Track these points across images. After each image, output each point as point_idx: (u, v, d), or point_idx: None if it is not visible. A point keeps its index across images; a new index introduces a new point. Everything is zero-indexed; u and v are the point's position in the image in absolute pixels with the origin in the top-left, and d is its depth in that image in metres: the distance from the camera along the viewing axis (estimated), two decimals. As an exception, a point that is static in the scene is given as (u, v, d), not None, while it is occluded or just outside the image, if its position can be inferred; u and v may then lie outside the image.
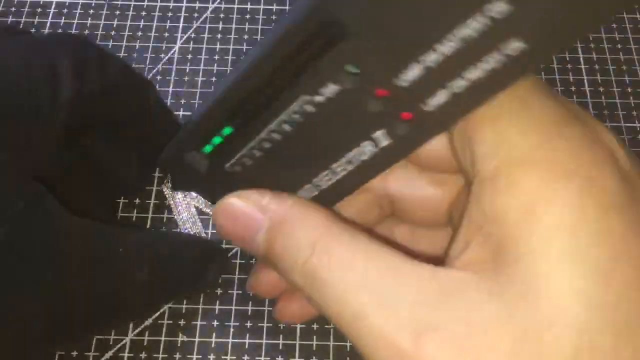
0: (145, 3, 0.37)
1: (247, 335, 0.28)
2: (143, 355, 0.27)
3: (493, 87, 0.15)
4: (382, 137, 0.17)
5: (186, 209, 0.30)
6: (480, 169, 0.16)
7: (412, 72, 0.15)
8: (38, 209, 0.19)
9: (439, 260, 0.17)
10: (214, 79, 0.34)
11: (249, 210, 0.20)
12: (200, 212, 0.31)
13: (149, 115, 0.26)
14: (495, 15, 0.13)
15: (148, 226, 0.30)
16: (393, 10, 0.14)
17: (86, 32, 0.36)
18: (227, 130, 0.20)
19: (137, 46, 0.36)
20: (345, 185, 0.19)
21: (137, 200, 0.31)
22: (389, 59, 0.15)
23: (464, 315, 0.15)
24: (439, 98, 0.15)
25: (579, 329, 0.14)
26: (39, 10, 0.36)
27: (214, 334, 0.28)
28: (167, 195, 0.31)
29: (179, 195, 0.31)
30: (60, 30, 0.36)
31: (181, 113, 0.33)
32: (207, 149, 0.21)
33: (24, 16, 0.36)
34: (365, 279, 0.17)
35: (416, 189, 0.22)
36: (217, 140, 0.20)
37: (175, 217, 0.30)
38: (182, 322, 0.28)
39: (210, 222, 0.30)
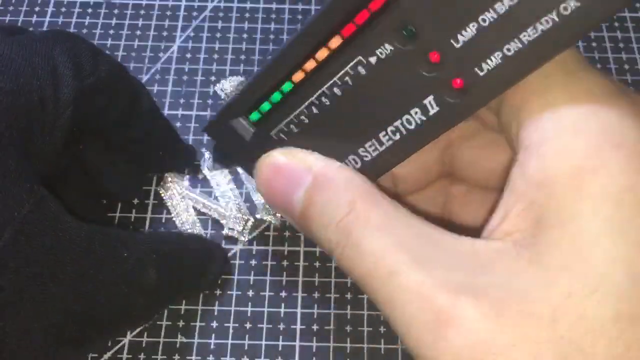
0: (144, 2, 0.37)
1: (247, 336, 0.28)
2: (142, 356, 0.27)
3: (545, 51, 0.15)
4: (431, 104, 0.17)
5: (185, 210, 0.30)
6: (528, 137, 0.16)
7: (469, 33, 0.15)
8: (43, 212, 0.19)
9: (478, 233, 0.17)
10: (213, 78, 0.34)
11: (294, 165, 0.19)
12: (199, 212, 0.30)
13: (141, 119, 0.26)
14: None
15: (147, 226, 0.30)
16: None
17: (84, 31, 0.36)
18: (276, 97, 0.20)
19: (135, 45, 0.35)
20: (388, 157, 0.19)
21: (136, 201, 0.31)
22: (446, 19, 0.15)
23: (503, 281, 0.15)
24: (493, 61, 0.16)
25: (620, 296, 0.14)
26: (37, 9, 0.36)
27: (213, 336, 0.28)
28: (164, 197, 0.31)
29: (177, 197, 0.30)
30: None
31: (180, 112, 0.33)
32: (254, 116, 0.21)
33: (21, 15, 0.36)
34: (403, 240, 0.17)
35: (475, 147, 0.22)
36: (265, 107, 0.20)
37: (174, 218, 0.30)
38: (180, 323, 0.28)
39: (210, 223, 0.30)
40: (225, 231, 0.30)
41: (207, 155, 0.31)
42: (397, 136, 0.19)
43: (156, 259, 0.23)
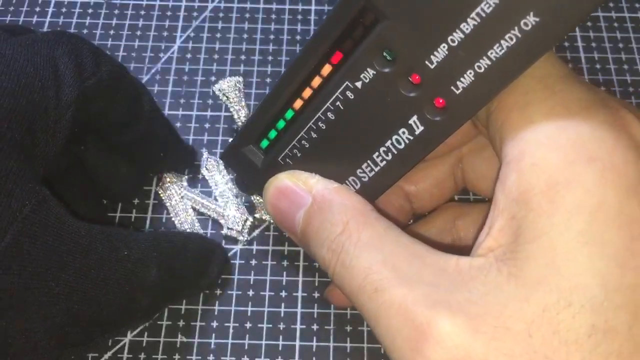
0: (144, 2, 0.37)
1: (247, 336, 0.28)
2: (142, 356, 0.27)
3: (514, 66, 0.16)
4: (416, 124, 0.18)
5: (184, 210, 0.30)
6: (508, 152, 0.17)
7: (442, 54, 0.16)
8: (45, 212, 0.20)
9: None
10: (213, 78, 0.34)
11: (296, 187, 0.21)
12: (198, 212, 0.30)
13: (141, 119, 0.26)
14: None
15: (147, 226, 0.30)
16: None
17: (85, 31, 0.36)
18: (280, 124, 0.21)
19: (136, 45, 0.35)
20: (383, 177, 0.20)
21: (136, 201, 0.31)
22: (419, 42, 0.16)
23: (481, 297, 0.15)
24: (467, 79, 0.16)
25: (595, 308, 0.14)
26: (38, 9, 0.36)
27: (213, 335, 0.28)
28: (163, 197, 0.31)
29: (176, 197, 0.30)
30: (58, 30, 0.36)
31: (180, 113, 0.33)
32: (264, 143, 0.22)
33: (22, 15, 0.36)
34: (390, 258, 0.17)
35: (485, 160, 0.23)
36: (272, 134, 0.22)
37: (173, 218, 0.30)
38: (181, 323, 0.28)
39: (210, 222, 0.30)
40: (224, 231, 0.30)
41: (206, 155, 0.32)
42: (390, 156, 0.19)
43: (157, 257, 0.23)
